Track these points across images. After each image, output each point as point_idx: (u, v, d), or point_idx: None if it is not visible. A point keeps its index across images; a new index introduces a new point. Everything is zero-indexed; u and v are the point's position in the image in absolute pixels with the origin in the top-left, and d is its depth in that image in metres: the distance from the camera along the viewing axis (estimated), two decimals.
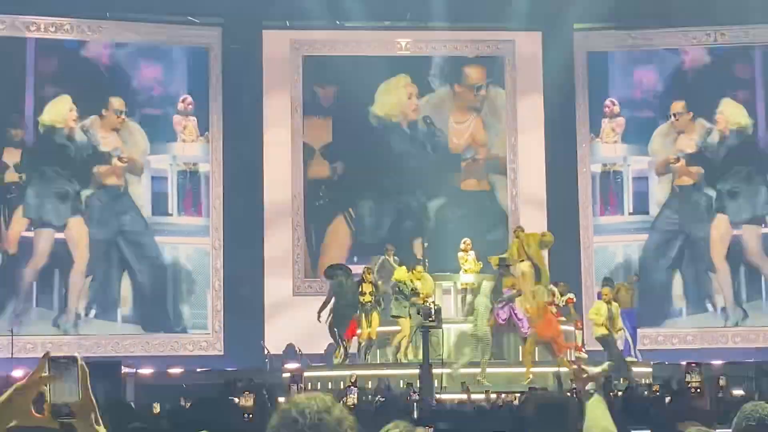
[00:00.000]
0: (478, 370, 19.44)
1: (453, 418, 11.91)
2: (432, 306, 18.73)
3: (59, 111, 25.90)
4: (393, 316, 20.61)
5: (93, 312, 25.83)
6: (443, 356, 19.73)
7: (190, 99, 26.94)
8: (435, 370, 18.30)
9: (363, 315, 21.09)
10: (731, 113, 27.28)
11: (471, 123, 28.02)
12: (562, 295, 20.76)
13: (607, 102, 27.73)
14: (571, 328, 20.97)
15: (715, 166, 27.23)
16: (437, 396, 17.42)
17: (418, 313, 18.77)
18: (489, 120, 28.05)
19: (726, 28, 27.25)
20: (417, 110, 27.90)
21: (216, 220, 26.81)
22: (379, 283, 21.43)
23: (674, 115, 27.46)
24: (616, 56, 27.94)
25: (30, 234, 25.52)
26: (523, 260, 20.99)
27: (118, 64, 26.49)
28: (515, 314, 20.06)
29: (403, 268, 21.17)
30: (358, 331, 21.16)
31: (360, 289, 21.21)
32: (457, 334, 20.52)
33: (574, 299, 22.64)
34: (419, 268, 21.23)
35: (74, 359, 2.74)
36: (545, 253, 21.85)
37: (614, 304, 21.00)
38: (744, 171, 27.09)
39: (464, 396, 17.19)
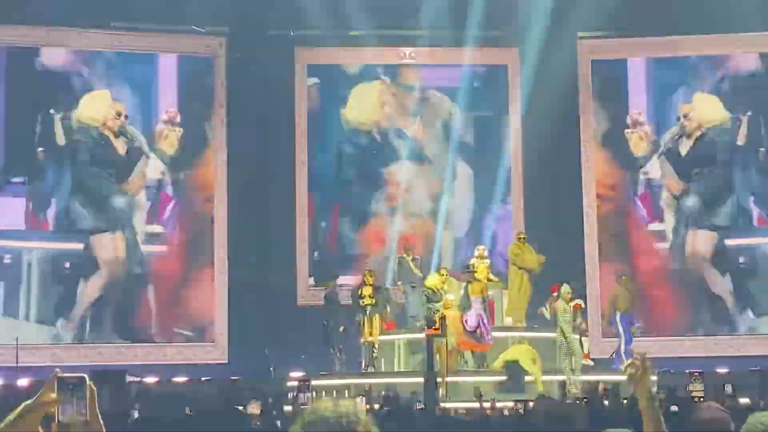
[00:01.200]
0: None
1: (457, 428, 11.90)
2: (436, 314, 18.70)
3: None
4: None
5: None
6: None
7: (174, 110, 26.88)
8: (440, 379, 18.27)
9: (363, 318, 21.02)
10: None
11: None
12: (569, 302, 20.64)
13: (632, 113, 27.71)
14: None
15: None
16: (443, 405, 17.38)
17: (419, 323, 18.74)
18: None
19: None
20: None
21: (220, 228, 26.80)
22: (396, 285, 21.36)
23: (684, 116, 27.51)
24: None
25: None
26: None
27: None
28: (483, 323, 19.91)
29: (435, 275, 21.04)
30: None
31: (359, 292, 21.13)
32: None
33: (582, 305, 22.66)
34: (443, 271, 21.18)
35: (83, 379, 2.74)
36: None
37: (574, 303, 21.05)
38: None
39: (470, 405, 17.13)
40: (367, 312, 21.04)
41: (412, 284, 21.88)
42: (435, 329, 18.21)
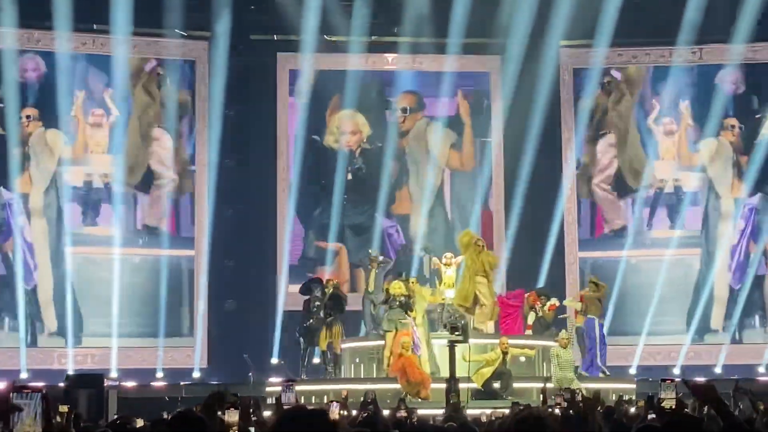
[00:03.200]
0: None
1: None
2: (458, 320, 18.63)
3: None
4: (385, 330, 20.62)
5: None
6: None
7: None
8: (461, 385, 18.22)
9: (324, 325, 21.54)
10: None
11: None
12: (565, 347, 20.17)
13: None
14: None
15: None
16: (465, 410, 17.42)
17: (445, 327, 18.67)
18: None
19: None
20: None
21: (199, 232, 26.80)
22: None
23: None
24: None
25: None
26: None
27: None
28: (416, 337, 19.99)
29: (400, 282, 21.14)
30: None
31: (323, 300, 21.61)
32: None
33: (557, 304, 22.74)
34: (413, 279, 21.29)
35: (38, 390, 2.75)
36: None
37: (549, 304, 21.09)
38: None
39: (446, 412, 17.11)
40: (327, 320, 21.59)
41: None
42: (457, 334, 17.95)
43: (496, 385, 19.24)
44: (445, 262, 21.61)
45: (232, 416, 8.39)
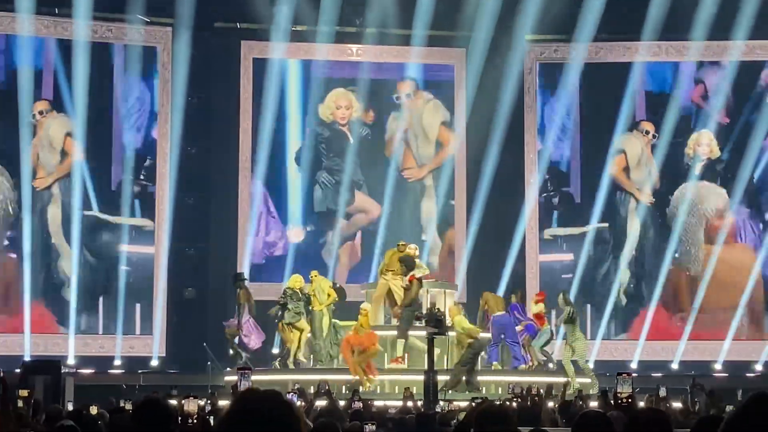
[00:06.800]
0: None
1: (393, 425, 11.93)
2: (437, 313, 18.55)
3: None
4: (288, 323, 20.95)
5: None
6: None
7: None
8: (439, 377, 18.21)
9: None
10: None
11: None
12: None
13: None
14: None
15: None
16: (384, 403, 17.44)
17: (419, 320, 18.59)
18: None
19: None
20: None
21: (161, 222, 26.63)
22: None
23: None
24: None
25: None
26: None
27: None
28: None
29: (298, 275, 21.55)
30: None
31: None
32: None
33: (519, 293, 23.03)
34: (314, 272, 21.52)
35: None
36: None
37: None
38: None
39: (403, 403, 17.16)
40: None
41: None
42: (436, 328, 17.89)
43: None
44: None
45: (191, 405, 8.40)
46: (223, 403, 16.73)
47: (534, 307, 21.95)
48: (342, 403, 15.99)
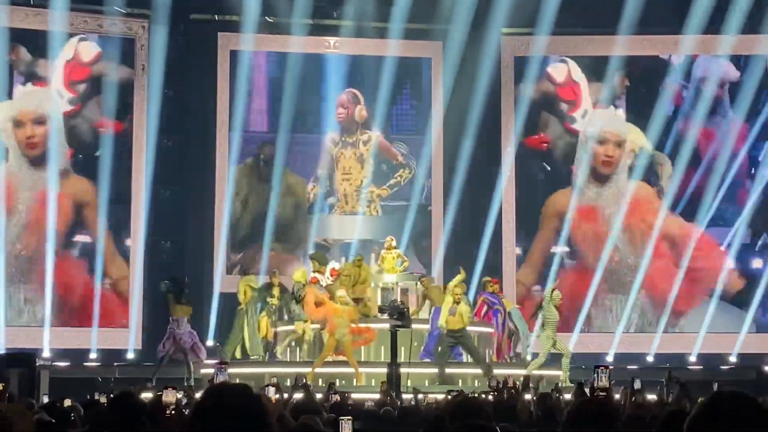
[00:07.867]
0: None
1: (369, 418, 11.94)
2: (401, 306, 18.58)
3: None
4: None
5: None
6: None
7: None
8: (402, 370, 18.22)
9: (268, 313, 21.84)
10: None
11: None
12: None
13: None
14: None
15: None
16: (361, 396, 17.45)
17: (385, 312, 18.53)
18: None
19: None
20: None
21: (136, 212, 26.55)
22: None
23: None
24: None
25: None
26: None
27: None
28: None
29: (302, 269, 21.60)
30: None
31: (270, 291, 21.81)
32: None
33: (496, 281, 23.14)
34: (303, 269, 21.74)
35: None
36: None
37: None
38: None
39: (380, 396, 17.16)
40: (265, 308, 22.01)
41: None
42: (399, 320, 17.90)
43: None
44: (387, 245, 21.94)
45: (169, 396, 8.42)
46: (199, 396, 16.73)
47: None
48: (319, 396, 15.99)
